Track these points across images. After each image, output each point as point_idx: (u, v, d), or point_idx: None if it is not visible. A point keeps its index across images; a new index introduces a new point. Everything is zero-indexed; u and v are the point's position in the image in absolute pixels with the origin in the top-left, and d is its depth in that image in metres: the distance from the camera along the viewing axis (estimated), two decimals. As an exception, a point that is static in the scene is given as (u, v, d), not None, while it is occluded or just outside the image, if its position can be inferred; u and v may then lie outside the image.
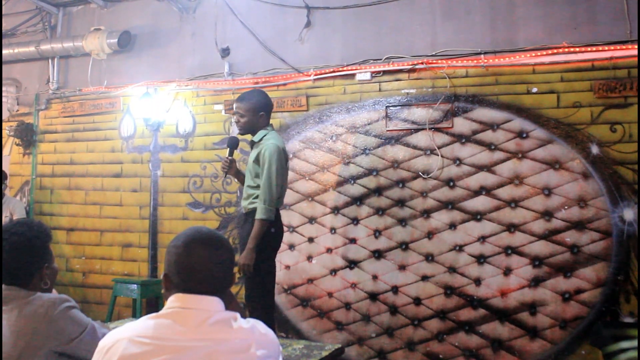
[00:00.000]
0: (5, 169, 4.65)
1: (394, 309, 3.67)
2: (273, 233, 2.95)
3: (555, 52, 3.45)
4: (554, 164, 3.42)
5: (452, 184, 3.62)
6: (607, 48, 3.35)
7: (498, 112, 3.56)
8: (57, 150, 4.86)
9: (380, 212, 3.76)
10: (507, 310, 3.42)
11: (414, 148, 3.72)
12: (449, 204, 3.61)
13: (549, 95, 3.47)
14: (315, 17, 4.08)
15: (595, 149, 3.35)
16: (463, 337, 3.50)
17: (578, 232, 3.33)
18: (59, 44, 4.75)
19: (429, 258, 3.62)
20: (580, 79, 3.41)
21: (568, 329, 3.30)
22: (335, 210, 3.87)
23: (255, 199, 2.95)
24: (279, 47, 4.15)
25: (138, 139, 4.57)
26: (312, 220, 3.93)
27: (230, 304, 1.26)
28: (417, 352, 3.59)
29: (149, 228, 4.42)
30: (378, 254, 3.73)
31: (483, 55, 3.60)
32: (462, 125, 3.63)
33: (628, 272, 3.23)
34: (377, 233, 3.75)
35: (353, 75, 3.92)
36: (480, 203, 3.54)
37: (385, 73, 3.84)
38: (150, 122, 4.46)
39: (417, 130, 3.73)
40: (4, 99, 5.04)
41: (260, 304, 2.89)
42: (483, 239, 3.51)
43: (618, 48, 3.32)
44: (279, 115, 4.04)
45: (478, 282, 3.50)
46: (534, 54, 3.49)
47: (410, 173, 3.71)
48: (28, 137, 4.88)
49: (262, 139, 3.00)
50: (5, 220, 4.10)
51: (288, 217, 3.93)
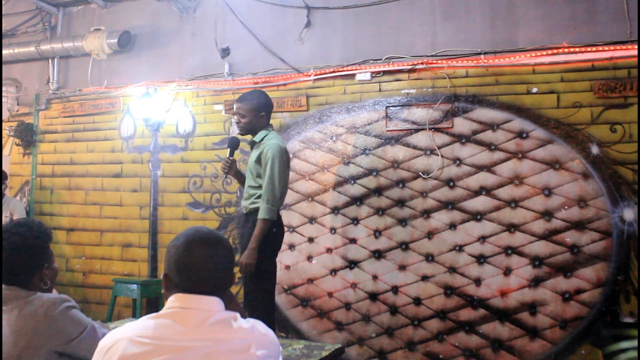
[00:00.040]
0: (5, 169, 4.65)
1: (394, 309, 3.67)
2: (274, 233, 2.94)
3: (555, 52, 3.45)
4: (554, 164, 3.42)
5: (452, 184, 3.62)
6: (607, 48, 3.35)
7: (498, 112, 3.56)
8: (57, 151, 4.86)
9: (380, 212, 3.76)
10: (507, 311, 3.42)
11: (414, 148, 3.73)
12: (449, 204, 3.61)
13: (549, 96, 3.47)
14: (315, 17, 4.08)
15: (596, 149, 3.35)
16: (463, 337, 3.50)
17: (578, 232, 3.33)
18: (59, 44, 4.75)
19: (429, 258, 3.62)
20: (580, 79, 3.41)
21: (568, 329, 3.30)
22: (335, 210, 3.87)
23: (257, 199, 2.94)
24: (279, 47, 4.15)
25: (138, 139, 4.57)
26: (312, 220, 3.93)
27: (230, 304, 1.26)
28: (417, 352, 3.59)
29: (149, 228, 4.42)
30: (378, 254, 3.73)
31: (483, 56, 3.60)
32: (462, 126, 3.63)
33: (628, 272, 3.23)
34: (377, 233, 3.75)
35: (353, 76, 3.92)
36: (480, 203, 3.54)
37: (385, 73, 3.84)
38: (150, 122, 4.46)
39: (417, 131, 3.73)
40: (4, 99, 5.04)
41: (261, 304, 2.89)
42: (483, 239, 3.52)
43: (618, 48, 3.33)
44: (279, 115, 4.04)
45: (478, 282, 3.50)
46: (534, 54, 3.49)
47: (410, 173, 3.71)
48: (28, 137, 4.88)
49: (263, 139, 3.00)
50: (6, 220, 4.10)
51: (288, 217, 3.93)
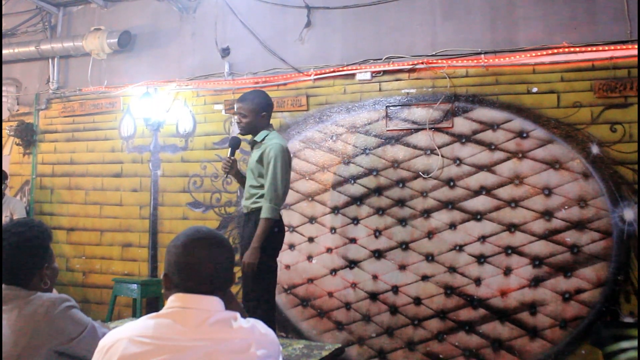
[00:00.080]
0: (6, 169, 4.65)
1: (394, 309, 3.66)
2: (276, 233, 2.95)
3: (556, 52, 3.45)
4: (554, 164, 3.42)
5: (452, 184, 3.62)
6: (607, 48, 3.35)
7: (498, 112, 3.56)
8: (57, 150, 4.86)
9: (381, 212, 3.76)
10: (507, 310, 3.42)
11: (414, 148, 3.72)
12: (449, 204, 3.61)
13: (549, 95, 3.47)
14: (316, 17, 4.08)
15: (596, 149, 3.35)
16: (463, 337, 3.50)
17: (578, 232, 3.33)
18: (59, 44, 4.75)
19: (429, 258, 3.62)
20: (581, 79, 3.41)
21: (568, 329, 3.30)
22: (336, 210, 3.87)
23: (259, 199, 2.95)
24: (279, 47, 4.15)
25: (138, 139, 4.57)
26: (312, 220, 3.93)
27: (230, 304, 1.26)
28: (417, 352, 3.59)
29: (149, 228, 4.42)
30: (378, 254, 3.73)
31: (483, 55, 3.60)
32: (462, 125, 3.63)
33: (628, 272, 3.22)
34: (377, 233, 3.75)
35: (353, 75, 3.92)
36: (481, 203, 3.54)
37: (386, 73, 3.84)
38: (151, 121, 4.46)
39: (417, 130, 3.73)
40: (4, 99, 5.04)
41: (261, 304, 2.89)
42: (483, 239, 3.51)
43: (618, 48, 3.32)
44: (279, 115, 4.04)
45: (478, 282, 3.50)
46: (534, 54, 3.49)
47: (411, 173, 3.71)
48: (28, 136, 4.88)
49: (264, 139, 3.01)
50: (6, 220, 4.10)
51: (288, 216, 3.93)
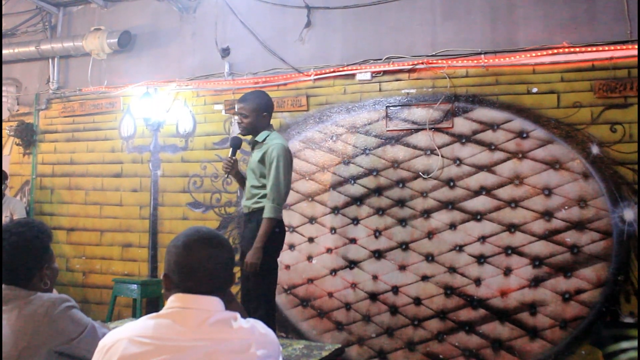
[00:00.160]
0: (6, 169, 4.65)
1: (394, 309, 3.66)
2: (277, 233, 2.95)
3: (556, 52, 3.45)
4: (554, 164, 3.42)
5: (452, 184, 3.61)
6: (607, 48, 3.34)
7: (498, 112, 3.56)
8: (57, 150, 4.86)
9: (381, 212, 3.76)
10: (507, 311, 3.42)
11: (414, 148, 3.72)
12: (449, 204, 3.61)
13: (549, 96, 3.47)
14: (316, 17, 4.08)
15: (596, 149, 3.35)
16: (463, 337, 3.50)
17: (578, 232, 3.33)
18: (59, 44, 4.75)
19: (429, 258, 3.62)
20: (581, 79, 3.41)
21: (568, 329, 3.30)
22: (336, 210, 3.87)
23: (261, 199, 2.95)
24: (279, 47, 4.15)
25: (138, 139, 4.57)
26: (312, 220, 3.93)
27: (230, 304, 1.26)
28: (417, 352, 3.59)
29: (149, 228, 4.42)
30: (378, 254, 3.73)
31: (483, 55, 3.60)
32: (462, 125, 3.63)
33: (628, 272, 3.22)
34: (377, 233, 3.75)
35: (353, 75, 3.92)
36: (481, 203, 3.54)
37: (386, 73, 3.84)
38: (151, 122, 4.46)
39: (417, 130, 3.73)
40: (4, 99, 5.04)
41: (262, 304, 2.89)
42: (483, 239, 3.51)
43: (618, 48, 3.32)
44: (279, 115, 4.04)
45: (478, 282, 3.50)
46: (534, 54, 3.49)
47: (411, 173, 3.71)
48: (28, 137, 4.88)
49: (265, 139, 3.01)
50: (6, 220, 4.10)
51: (288, 217, 3.93)
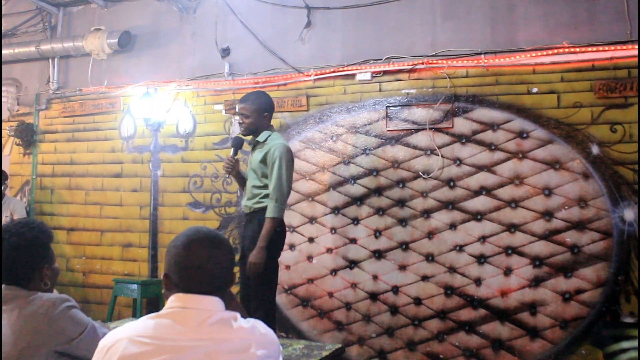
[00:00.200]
0: (6, 169, 4.65)
1: (395, 309, 3.66)
2: (278, 233, 2.96)
3: (556, 52, 3.45)
4: (554, 164, 3.42)
5: (452, 184, 3.61)
6: (607, 48, 3.34)
7: (498, 112, 3.56)
8: (57, 150, 4.86)
9: (381, 212, 3.76)
10: (507, 311, 3.42)
11: (414, 148, 3.72)
12: (449, 204, 3.61)
13: (550, 96, 3.47)
14: (316, 17, 4.08)
15: (596, 149, 3.35)
16: (463, 337, 3.50)
17: (578, 232, 3.33)
18: (59, 44, 4.75)
19: (429, 258, 3.62)
20: (581, 79, 3.41)
21: (568, 329, 3.30)
22: (336, 210, 3.87)
23: (263, 199, 2.96)
24: (280, 47, 4.15)
25: (138, 139, 4.57)
26: (312, 220, 3.93)
27: (230, 304, 1.26)
28: (417, 352, 3.59)
29: (149, 228, 4.42)
30: (378, 254, 3.73)
31: (483, 56, 3.60)
32: (462, 126, 3.63)
33: (628, 272, 3.22)
34: (377, 233, 3.75)
35: (353, 76, 3.92)
36: (481, 203, 3.54)
37: (386, 73, 3.84)
38: (151, 122, 4.46)
39: (417, 131, 3.73)
40: (4, 99, 5.04)
41: (262, 304, 2.89)
42: (483, 239, 3.51)
43: (618, 48, 3.32)
44: (279, 115, 4.04)
45: (478, 282, 3.50)
46: (535, 54, 3.49)
47: (411, 173, 3.71)
48: (28, 137, 4.88)
49: (267, 140, 3.02)
50: (6, 220, 4.10)
51: (288, 217, 3.91)
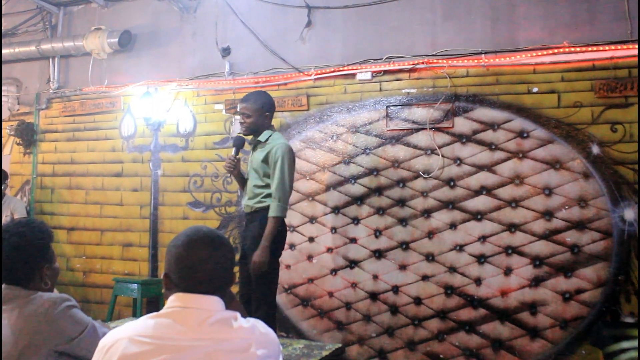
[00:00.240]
0: (6, 169, 4.65)
1: (395, 309, 3.66)
2: (280, 232, 2.97)
3: (556, 51, 3.45)
4: (555, 164, 3.42)
5: (452, 184, 3.61)
6: (607, 48, 3.34)
7: (499, 111, 3.56)
8: (57, 150, 4.86)
9: (381, 211, 3.76)
10: (507, 310, 3.42)
11: (415, 148, 3.72)
12: (450, 204, 3.61)
13: (550, 95, 3.47)
14: (316, 16, 4.08)
15: (596, 149, 3.35)
16: (463, 336, 3.50)
17: (578, 232, 3.33)
18: (60, 44, 4.75)
19: (430, 258, 3.62)
20: (581, 79, 3.41)
21: (568, 329, 3.30)
22: (336, 210, 3.87)
23: (264, 198, 2.96)
24: (280, 46, 4.15)
25: (139, 139, 4.57)
26: (312, 220, 3.93)
27: (231, 304, 1.26)
28: (417, 351, 3.59)
29: (150, 227, 4.42)
30: (378, 254, 3.73)
31: (484, 55, 3.59)
32: (462, 125, 3.63)
33: (628, 272, 3.22)
34: (377, 233, 3.75)
35: (354, 75, 3.91)
36: (481, 203, 3.54)
37: (386, 73, 3.84)
38: (151, 121, 4.46)
39: (417, 130, 3.73)
40: (5, 99, 5.04)
41: (263, 304, 2.89)
42: (483, 239, 3.51)
43: (619, 48, 3.32)
44: (280, 115, 4.04)
45: (478, 281, 3.50)
46: (535, 54, 3.49)
47: (411, 173, 3.71)
48: (29, 136, 4.88)
49: (268, 139, 3.02)
50: (6, 220, 4.10)
51: (288, 216, 3.88)
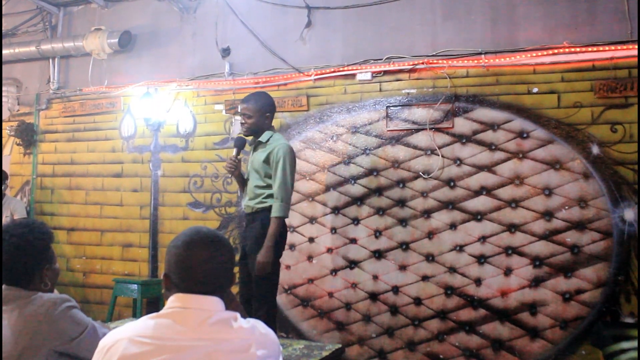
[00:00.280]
0: (6, 169, 4.65)
1: (395, 309, 3.66)
2: (281, 232, 2.97)
3: (556, 52, 3.45)
4: (555, 164, 3.41)
5: (452, 184, 3.61)
6: (607, 48, 3.34)
7: (499, 112, 3.56)
8: (57, 150, 4.86)
9: (381, 212, 3.76)
10: (507, 311, 3.42)
11: (415, 148, 3.72)
12: (450, 204, 3.61)
13: (550, 96, 3.47)
14: (316, 17, 4.08)
15: (596, 149, 3.35)
16: (463, 337, 3.50)
17: (578, 232, 3.33)
18: (60, 44, 4.76)
19: (430, 258, 3.62)
20: (581, 79, 3.41)
21: (568, 329, 3.30)
22: (336, 210, 3.87)
23: (266, 199, 2.97)
24: (280, 47, 4.15)
25: (138, 139, 4.57)
26: (312, 220, 3.93)
27: (231, 304, 1.26)
28: (417, 352, 3.59)
29: (150, 228, 4.42)
30: (378, 254, 3.73)
31: (484, 55, 3.59)
32: (462, 126, 3.63)
33: (628, 272, 3.22)
34: (377, 233, 3.75)
35: (354, 75, 3.92)
36: (481, 203, 3.54)
37: (386, 73, 3.84)
38: (151, 122, 4.46)
39: (417, 131, 3.73)
40: (5, 99, 5.04)
41: (264, 304, 2.89)
42: (483, 239, 3.51)
43: (619, 48, 3.32)
44: (280, 115, 4.04)
45: (478, 282, 3.50)
46: (535, 54, 3.49)
47: (411, 173, 3.71)
48: (29, 136, 4.88)
49: (269, 140, 3.03)
50: (6, 220, 4.10)
51: (288, 217, 3.91)
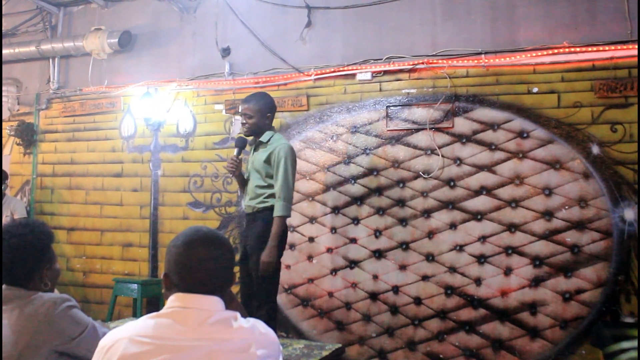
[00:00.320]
0: (6, 169, 4.65)
1: (395, 309, 3.66)
2: (282, 232, 2.97)
3: (556, 52, 3.45)
4: (555, 164, 3.42)
5: (452, 184, 3.61)
6: (607, 48, 3.34)
7: (499, 112, 3.56)
8: (57, 150, 4.86)
9: (381, 212, 3.76)
10: (507, 310, 3.42)
11: (415, 148, 3.72)
12: (450, 204, 3.61)
13: (550, 95, 3.47)
14: (316, 17, 4.08)
15: (596, 149, 3.35)
16: (463, 337, 3.50)
17: (578, 232, 3.33)
18: (60, 44, 4.76)
19: (430, 258, 3.62)
20: (581, 79, 3.41)
21: (568, 329, 3.30)
22: (336, 210, 3.87)
23: (267, 199, 2.98)
24: (280, 47, 4.15)
25: (138, 139, 4.57)
26: (312, 220, 3.93)
27: (231, 304, 1.26)
28: (417, 352, 3.59)
29: (150, 227, 4.42)
30: (378, 254, 3.73)
31: (484, 55, 3.60)
32: (462, 125, 3.63)
33: (628, 272, 3.22)
34: (377, 233, 3.75)
35: (354, 75, 3.92)
36: (481, 203, 3.54)
37: (386, 73, 3.84)
38: (151, 121, 4.47)
39: (417, 130, 3.73)
40: (5, 99, 5.04)
41: (264, 304, 2.89)
42: (483, 239, 3.51)
43: (619, 48, 3.32)
44: (280, 115, 4.04)
45: (478, 282, 3.50)
46: (535, 54, 3.49)
47: (411, 173, 3.71)
48: (29, 136, 4.88)
49: (270, 140, 3.04)
50: (6, 220, 4.10)
51: (291, 216, 3.92)
